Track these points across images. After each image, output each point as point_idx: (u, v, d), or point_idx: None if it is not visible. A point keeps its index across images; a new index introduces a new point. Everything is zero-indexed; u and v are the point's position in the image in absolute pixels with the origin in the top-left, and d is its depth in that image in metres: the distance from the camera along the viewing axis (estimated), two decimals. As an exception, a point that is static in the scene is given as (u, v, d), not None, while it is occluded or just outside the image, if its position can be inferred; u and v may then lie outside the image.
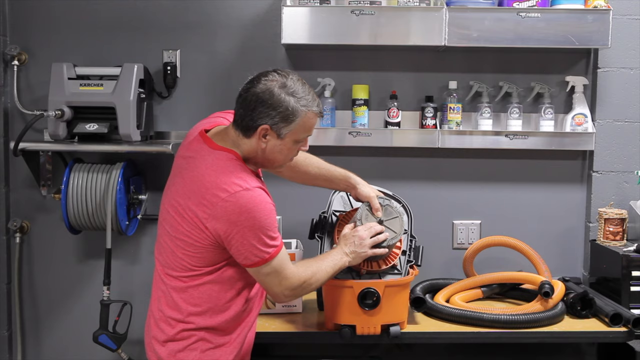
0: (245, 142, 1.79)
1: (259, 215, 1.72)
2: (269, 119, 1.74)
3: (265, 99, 1.73)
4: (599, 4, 2.51)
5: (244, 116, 1.76)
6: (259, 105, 1.73)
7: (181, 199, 1.78)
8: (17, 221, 2.69)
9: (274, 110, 1.74)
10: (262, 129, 1.75)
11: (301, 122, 1.77)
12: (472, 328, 2.23)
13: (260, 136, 1.76)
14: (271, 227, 1.76)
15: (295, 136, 1.80)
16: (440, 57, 2.69)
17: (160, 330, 1.84)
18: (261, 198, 1.75)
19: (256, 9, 2.69)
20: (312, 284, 1.89)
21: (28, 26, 2.68)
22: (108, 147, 2.51)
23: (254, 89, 1.75)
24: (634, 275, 2.40)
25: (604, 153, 2.69)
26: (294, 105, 1.75)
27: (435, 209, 2.73)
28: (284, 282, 1.82)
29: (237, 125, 1.79)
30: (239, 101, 1.78)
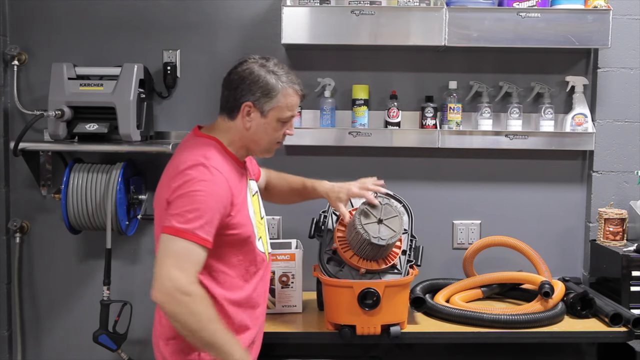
0: (230, 125, 1.82)
1: (193, 190, 1.67)
2: (250, 95, 1.79)
3: (246, 76, 1.79)
4: (599, 4, 2.51)
5: (228, 97, 1.81)
6: (240, 84, 1.79)
7: (158, 189, 1.80)
8: (17, 221, 2.69)
9: (255, 86, 1.78)
10: (246, 105, 1.79)
11: (282, 98, 1.81)
12: (472, 328, 2.23)
13: (244, 114, 1.80)
14: (197, 207, 1.66)
15: (278, 113, 1.82)
16: (440, 57, 2.69)
17: (163, 329, 1.84)
18: (208, 177, 1.69)
19: (256, 9, 2.69)
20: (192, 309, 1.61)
21: (28, 26, 2.68)
22: (108, 147, 2.51)
23: (235, 70, 1.82)
24: (634, 275, 2.40)
25: (604, 153, 2.69)
26: (274, 82, 1.80)
27: (435, 209, 2.73)
28: (175, 271, 1.61)
29: (222, 110, 1.84)
30: (223, 85, 1.84)
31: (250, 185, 1.94)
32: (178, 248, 1.63)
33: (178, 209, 1.66)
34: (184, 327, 1.62)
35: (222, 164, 1.77)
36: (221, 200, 1.72)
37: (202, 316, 1.62)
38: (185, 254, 1.64)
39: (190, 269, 1.63)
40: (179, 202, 1.66)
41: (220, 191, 1.72)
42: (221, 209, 1.72)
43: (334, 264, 2.15)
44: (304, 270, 2.39)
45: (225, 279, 1.81)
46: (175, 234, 1.64)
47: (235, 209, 1.78)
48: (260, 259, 1.88)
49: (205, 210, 1.66)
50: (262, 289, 1.93)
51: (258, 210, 1.95)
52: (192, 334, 1.63)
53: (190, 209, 1.65)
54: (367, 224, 2.04)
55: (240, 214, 1.80)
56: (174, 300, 1.60)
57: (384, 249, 2.08)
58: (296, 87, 1.85)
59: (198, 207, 1.65)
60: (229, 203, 1.74)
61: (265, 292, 1.96)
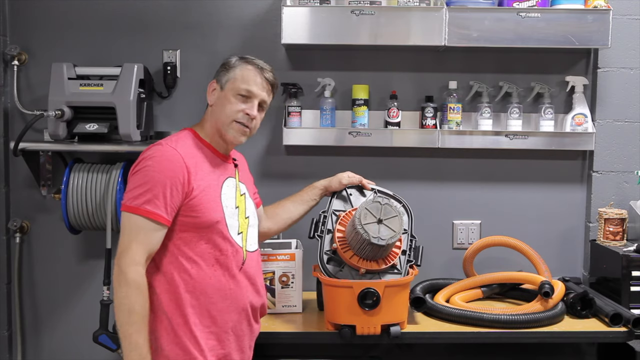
0: (207, 112, 1.96)
1: (147, 165, 1.75)
2: (216, 75, 1.95)
3: (225, 62, 1.95)
4: (599, 4, 2.51)
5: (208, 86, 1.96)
6: (221, 67, 1.95)
7: None
8: (17, 221, 2.69)
9: (220, 67, 1.95)
10: (210, 84, 1.94)
11: (239, 71, 1.91)
12: (472, 328, 2.23)
13: (210, 92, 1.93)
14: (148, 182, 1.73)
15: (233, 85, 1.90)
16: (440, 57, 2.69)
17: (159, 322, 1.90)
18: (161, 153, 1.77)
19: (256, 9, 2.69)
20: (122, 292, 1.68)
21: (28, 26, 2.68)
22: (108, 147, 2.51)
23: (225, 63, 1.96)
24: (634, 275, 2.40)
25: (604, 153, 2.69)
26: (236, 61, 1.94)
27: (435, 209, 2.73)
28: (120, 252, 1.71)
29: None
30: None
31: (239, 185, 1.99)
32: (130, 224, 1.72)
33: (129, 187, 1.75)
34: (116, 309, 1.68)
35: (184, 146, 1.83)
36: (172, 175, 1.75)
37: (122, 301, 1.67)
38: (136, 230, 1.71)
39: (137, 248, 1.70)
40: (131, 181, 1.76)
41: (171, 166, 1.76)
42: (175, 184, 1.74)
43: (334, 264, 2.15)
44: (304, 270, 2.39)
45: (193, 266, 1.81)
46: (126, 210, 1.72)
47: (197, 190, 1.79)
48: (233, 250, 1.88)
49: (153, 184, 1.72)
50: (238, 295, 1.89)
51: (243, 209, 1.97)
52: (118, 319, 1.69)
53: (138, 185, 1.73)
54: (367, 224, 2.04)
55: (205, 198, 1.81)
56: (116, 277, 1.69)
57: (384, 249, 2.08)
58: (258, 62, 1.93)
59: (146, 182, 1.72)
60: (185, 180, 1.77)
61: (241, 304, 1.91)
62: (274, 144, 2.70)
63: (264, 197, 2.27)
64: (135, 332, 1.68)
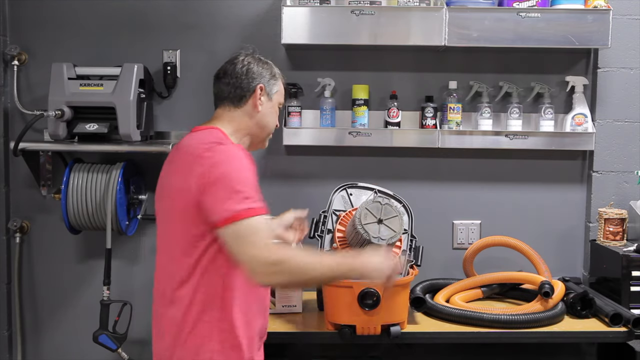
0: (236, 114, 1.86)
1: (231, 168, 1.67)
2: (262, 78, 1.87)
3: (255, 64, 1.89)
4: (599, 4, 2.51)
5: (235, 86, 1.85)
6: (249, 71, 1.86)
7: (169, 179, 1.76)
8: (17, 221, 2.69)
9: (265, 71, 1.89)
10: (260, 87, 1.86)
11: (281, 84, 1.93)
12: (472, 328, 2.23)
13: (258, 97, 1.85)
14: (244, 183, 1.66)
15: (279, 97, 1.93)
16: (440, 57, 2.69)
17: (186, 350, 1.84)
18: (236, 153, 1.71)
19: (256, 9, 2.69)
20: (292, 270, 1.63)
21: (28, 26, 2.68)
22: (108, 147, 2.51)
23: (237, 62, 1.88)
24: (634, 275, 2.40)
25: (604, 153, 2.69)
26: (278, 71, 1.94)
27: (435, 209, 2.72)
28: (255, 251, 1.61)
29: (226, 100, 1.86)
30: (223, 78, 1.88)
31: None
32: (246, 230, 1.62)
33: (223, 192, 1.64)
34: (301, 286, 1.77)
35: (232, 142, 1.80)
36: (252, 170, 1.73)
37: (306, 269, 1.65)
38: (254, 232, 1.63)
39: (264, 242, 1.63)
40: (220, 186, 1.64)
41: (249, 163, 1.73)
42: (255, 176, 1.73)
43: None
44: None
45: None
46: (236, 219, 1.62)
47: None
48: None
49: (246, 183, 1.67)
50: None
51: None
52: (313, 284, 1.74)
53: (236, 190, 1.64)
54: (367, 224, 2.04)
55: None
56: (274, 275, 1.62)
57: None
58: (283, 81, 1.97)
59: (240, 182, 1.66)
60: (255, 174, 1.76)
61: None
62: (273, 144, 2.68)
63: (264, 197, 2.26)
64: (336, 262, 1.69)
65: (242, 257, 1.63)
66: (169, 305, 1.74)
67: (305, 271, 1.66)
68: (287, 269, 1.62)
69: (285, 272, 1.62)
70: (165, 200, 1.78)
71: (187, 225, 1.70)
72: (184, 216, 1.70)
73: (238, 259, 1.64)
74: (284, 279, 1.65)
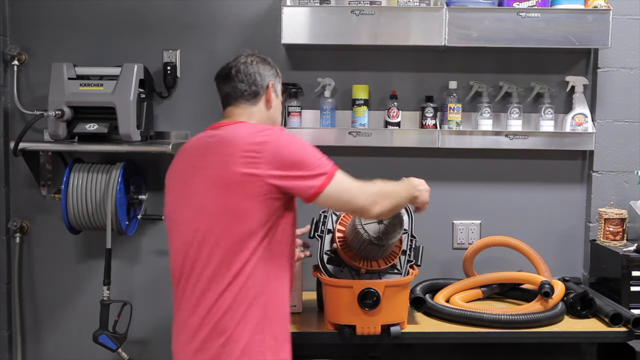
0: (253, 111, 1.91)
1: (301, 144, 1.79)
2: (271, 76, 1.95)
3: (261, 63, 1.94)
4: (599, 4, 2.51)
5: (249, 83, 1.90)
6: (260, 69, 1.92)
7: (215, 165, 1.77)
8: (17, 221, 2.69)
9: (271, 69, 1.96)
10: (271, 84, 1.94)
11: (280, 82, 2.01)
12: (472, 328, 2.23)
13: (270, 94, 1.93)
14: (313, 150, 1.79)
15: (280, 94, 2.00)
16: (440, 57, 2.69)
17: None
18: (289, 132, 1.84)
19: (256, 9, 2.69)
20: (388, 193, 1.86)
21: (28, 26, 2.68)
22: (108, 147, 2.51)
23: (246, 61, 1.92)
24: (634, 275, 2.40)
25: (604, 153, 2.69)
26: (277, 68, 2.00)
27: (435, 209, 2.70)
28: (364, 190, 1.81)
29: (241, 98, 1.90)
30: (236, 77, 1.90)
31: None
32: (342, 183, 1.79)
33: (309, 162, 1.76)
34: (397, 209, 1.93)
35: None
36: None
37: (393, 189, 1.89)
38: (348, 180, 1.81)
39: (356, 184, 1.82)
40: (303, 159, 1.75)
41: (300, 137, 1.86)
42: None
43: (334, 264, 2.15)
44: (304, 270, 2.39)
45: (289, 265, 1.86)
46: (331, 178, 1.77)
47: None
48: None
49: (314, 152, 1.80)
50: None
51: None
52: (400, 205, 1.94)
53: (315, 156, 1.78)
54: (367, 224, 2.04)
55: None
56: (383, 199, 1.84)
57: (384, 249, 2.08)
58: None
59: (312, 148, 1.80)
60: None
61: None
62: (274, 144, 2.70)
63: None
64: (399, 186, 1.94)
65: (357, 201, 1.80)
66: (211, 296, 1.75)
67: (395, 191, 1.90)
68: (385, 193, 1.85)
69: (387, 196, 1.85)
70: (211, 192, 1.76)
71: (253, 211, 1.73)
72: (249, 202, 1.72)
73: (354, 206, 1.81)
74: (390, 202, 1.85)
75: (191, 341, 1.77)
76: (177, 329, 1.84)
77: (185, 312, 1.81)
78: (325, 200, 1.78)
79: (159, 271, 2.73)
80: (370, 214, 1.83)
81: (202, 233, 1.76)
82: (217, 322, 1.73)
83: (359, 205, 1.80)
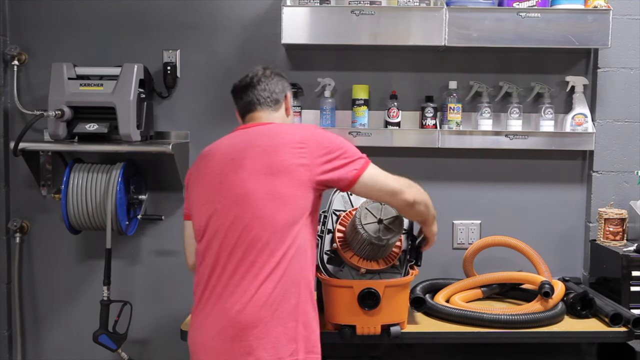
0: (275, 116, 2.00)
1: (337, 136, 1.90)
2: (287, 87, 2.06)
3: (279, 75, 2.05)
4: (599, 4, 2.51)
5: (271, 91, 2.00)
6: (278, 80, 2.03)
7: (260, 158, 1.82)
8: (17, 221, 2.69)
9: (286, 81, 2.07)
10: (289, 94, 2.06)
11: None
12: (472, 328, 2.23)
13: (288, 102, 2.05)
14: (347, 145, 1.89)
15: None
16: (440, 57, 2.69)
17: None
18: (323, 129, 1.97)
19: (256, 9, 2.69)
20: (419, 189, 1.96)
21: (28, 26, 2.68)
22: (108, 147, 2.51)
23: (266, 72, 2.02)
24: (634, 275, 2.40)
25: (604, 153, 2.69)
26: None
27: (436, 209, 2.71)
28: (395, 176, 1.91)
29: (264, 105, 1.99)
30: (258, 85, 1.99)
31: None
32: (377, 169, 1.91)
33: (348, 151, 1.87)
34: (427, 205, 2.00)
35: None
36: None
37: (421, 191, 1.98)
38: (381, 170, 1.92)
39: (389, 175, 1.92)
40: (342, 148, 1.86)
41: None
42: None
43: (334, 264, 2.15)
44: (304, 270, 2.39)
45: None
46: (367, 165, 1.89)
47: None
48: None
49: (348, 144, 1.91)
50: None
51: None
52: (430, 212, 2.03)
53: (350, 145, 1.89)
54: (367, 224, 2.04)
55: None
56: (417, 193, 1.95)
57: (384, 249, 2.08)
58: None
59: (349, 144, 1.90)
60: None
61: None
62: (274, 144, 2.70)
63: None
64: None
65: (393, 186, 1.89)
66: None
67: (425, 192, 1.99)
68: (416, 186, 1.96)
69: (418, 190, 1.96)
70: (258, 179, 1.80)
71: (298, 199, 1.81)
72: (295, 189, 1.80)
73: (391, 190, 1.89)
74: (422, 195, 1.96)
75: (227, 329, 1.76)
76: (208, 319, 1.81)
77: (222, 299, 1.79)
78: (364, 185, 1.86)
79: (159, 271, 2.74)
80: (405, 195, 1.90)
81: (245, 220, 1.79)
82: (257, 310, 1.75)
83: (396, 188, 1.89)
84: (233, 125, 2.01)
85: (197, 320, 1.84)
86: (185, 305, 2.51)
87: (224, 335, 1.76)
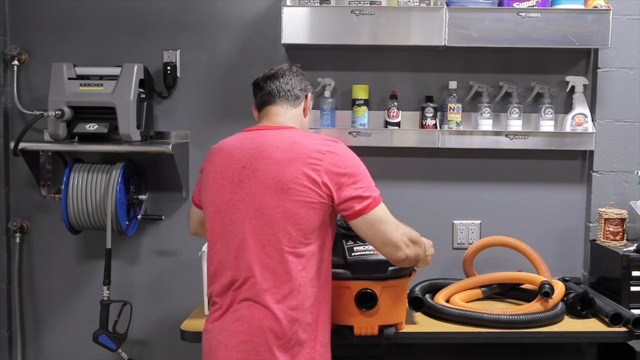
0: (292, 114, 1.96)
1: (358, 161, 1.86)
2: (310, 88, 2.02)
3: (303, 75, 2.02)
4: (599, 4, 2.50)
5: (293, 86, 1.96)
6: (302, 78, 2.00)
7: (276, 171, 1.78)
8: (17, 221, 2.69)
9: (310, 84, 2.03)
10: (310, 95, 2.02)
11: None
12: (472, 328, 2.22)
13: (308, 102, 2.00)
14: (367, 174, 1.85)
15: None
16: (440, 57, 2.69)
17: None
18: (350, 151, 1.87)
19: (256, 9, 2.69)
20: (418, 242, 1.88)
21: (28, 26, 2.68)
22: (108, 147, 2.51)
23: (291, 68, 1.99)
24: (634, 275, 2.40)
25: (604, 153, 2.69)
26: None
27: (435, 209, 2.72)
28: (400, 228, 1.83)
29: (283, 99, 1.95)
30: (282, 76, 1.96)
31: None
32: (385, 213, 1.83)
33: (363, 181, 1.82)
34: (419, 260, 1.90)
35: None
36: None
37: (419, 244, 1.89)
38: (389, 213, 1.84)
39: (395, 218, 1.84)
40: (358, 178, 1.81)
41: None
42: None
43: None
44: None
45: None
46: (377, 203, 1.81)
47: None
48: None
49: (367, 176, 1.86)
50: None
51: None
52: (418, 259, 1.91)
53: (367, 177, 1.84)
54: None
55: None
56: (418, 252, 1.87)
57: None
58: None
59: (366, 170, 1.86)
60: None
61: None
62: (274, 144, 2.69)
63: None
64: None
65: (392, 236, 1.80)
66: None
67: (422, 243, 1.91)
68: (416, 239, 1.87)
69: (416, 243, 1.87)
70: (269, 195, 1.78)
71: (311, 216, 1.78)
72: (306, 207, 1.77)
73: (387, 241, 1.81)
74: (415, 252, 1.86)
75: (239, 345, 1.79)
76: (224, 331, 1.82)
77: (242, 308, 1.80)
78: (364, 223, 1.80)
79: (159, 271, 2.74)
80: (396, 254, 1.83)
81: (259, 234, 1.78)
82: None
83: (392, 239, 1.81)
84: (233, 125, 2.02)
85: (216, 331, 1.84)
86: (186, 305, 2.52)
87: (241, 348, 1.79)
